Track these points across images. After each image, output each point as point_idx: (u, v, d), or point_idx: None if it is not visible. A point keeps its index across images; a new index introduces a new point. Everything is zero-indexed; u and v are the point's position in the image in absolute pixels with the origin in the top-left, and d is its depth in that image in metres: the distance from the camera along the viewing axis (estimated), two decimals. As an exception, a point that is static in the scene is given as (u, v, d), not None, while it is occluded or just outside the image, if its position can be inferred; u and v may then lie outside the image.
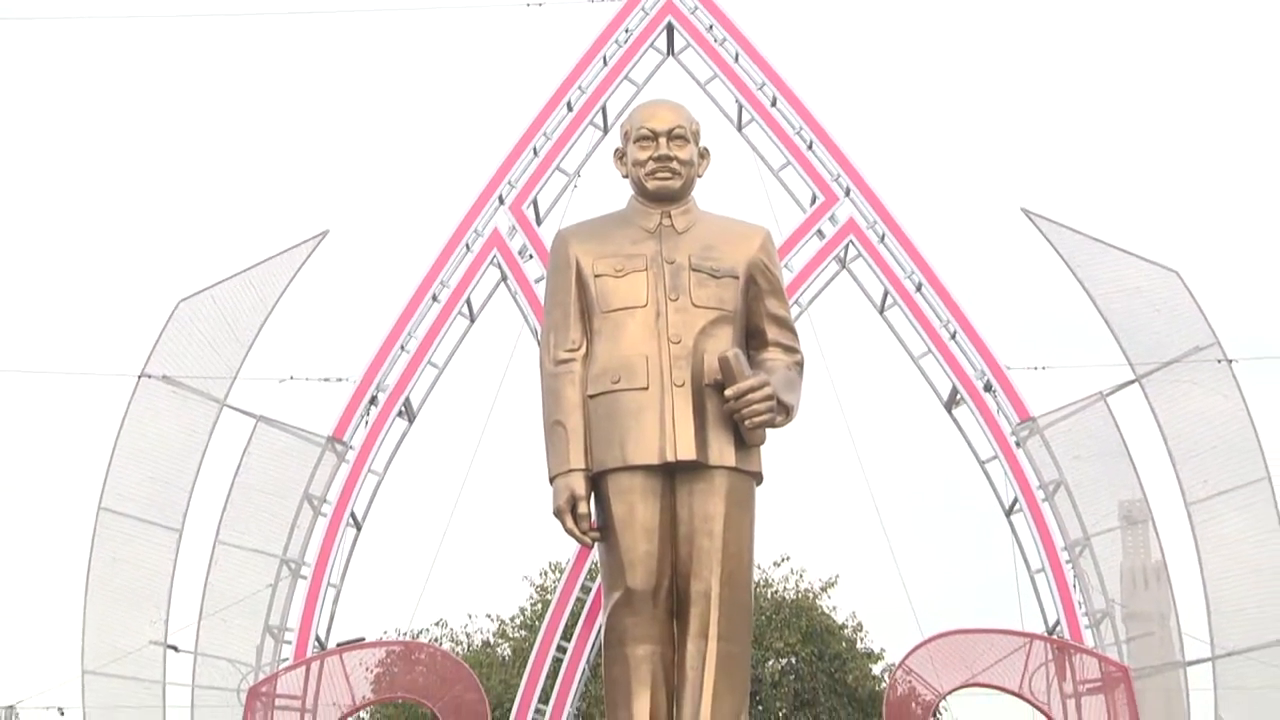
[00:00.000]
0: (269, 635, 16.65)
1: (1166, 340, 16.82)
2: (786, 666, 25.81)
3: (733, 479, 11.35)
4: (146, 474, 16.49)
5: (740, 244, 11.87)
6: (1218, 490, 16.37)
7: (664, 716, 11.38)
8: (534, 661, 17.63)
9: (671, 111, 12.46)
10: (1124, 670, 15.86)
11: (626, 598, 11.26)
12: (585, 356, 11.41)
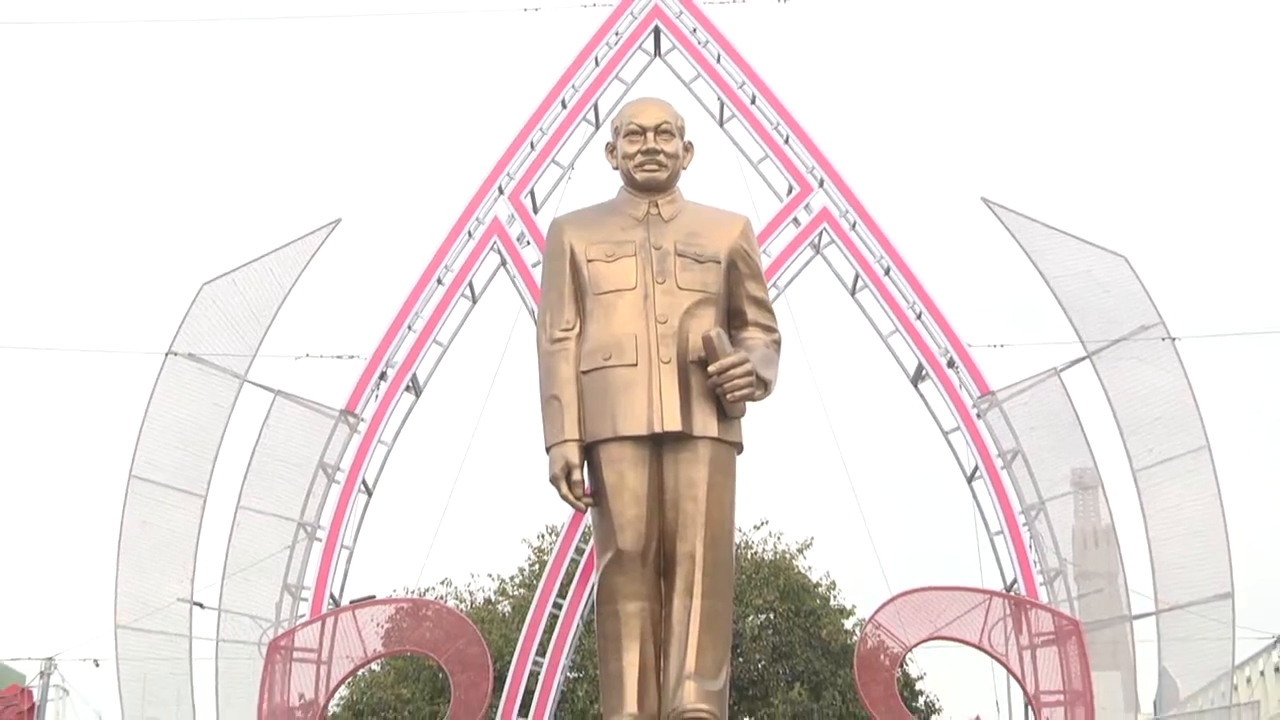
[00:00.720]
0: (287, 593, 16.65)
1: (1115, 320, 16.83)
2: (765, 622, 25.83)
3: (715, 448, 11.34)
4: (173, 444, 16.47)
5: (722, 231, 11.85)
6: (1162, 458, 16.41)
7: (652, 668, 11.37)
8: (532, 617, 17.62)
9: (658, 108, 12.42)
10: (1075, 624, 15.89)
11: (617, 558, 11.26)
12: (578, 335, 11.39)
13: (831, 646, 24.98)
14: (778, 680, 24.89)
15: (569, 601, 17.18)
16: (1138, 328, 16.74)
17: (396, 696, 24.27)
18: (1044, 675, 15.76)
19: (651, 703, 11.16)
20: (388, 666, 23.58)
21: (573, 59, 18.41)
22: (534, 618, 17.56)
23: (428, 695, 23.52)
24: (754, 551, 27.46)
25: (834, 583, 27.68)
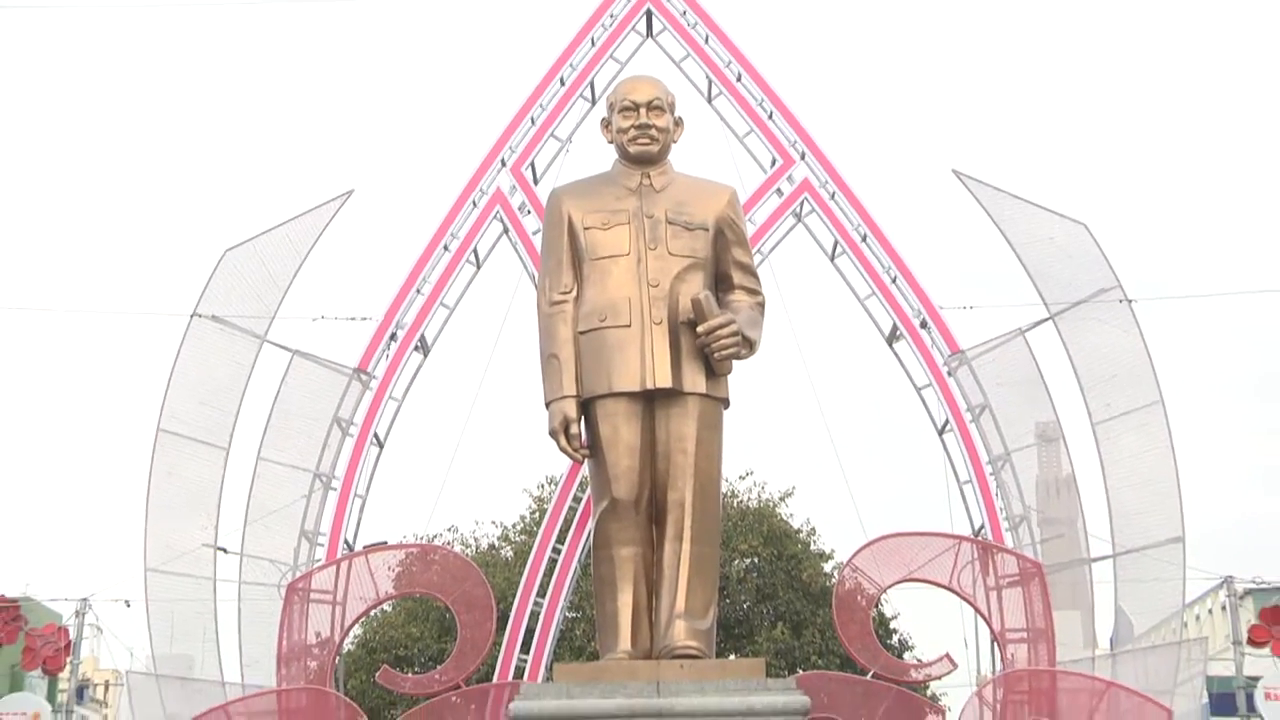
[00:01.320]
0: (304, 539, 16.69)
1: (1076, 283, 16.84)
2: (750, 565, 25.91)
3: (704, 404, 11.41)
4: (198, 400, 16.48)
5: (710, 201, 11.88)
6: (1118, 412, 16.44)
7: (645, 608, 11.44)
8: (532, 561, 17.67)
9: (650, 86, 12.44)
10: (1038, 567, 15.96)
11: (612, 506, 11.32)
12: (576, 298, 11.43)
13: (811, 588, 25.08)
14: (761, 620, 25.03)
15: (567, 547, 17.22)
16: (1097, 291, 16.75)
17: (407, 635, 24.40)
18: (1009, 614, 15.83)
19: (644, 640, 11.24)
20: (398, 607, 23.70)
21: (570, 39, 18.35)
22: (534, 562, 17.60)
23: (435, 634, 23.64)
24: (740, 500, 27.52)
25: (814, 529, 27.83)
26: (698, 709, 10.40)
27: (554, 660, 16.69)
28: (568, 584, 17.28)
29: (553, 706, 10.77)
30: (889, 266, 17.46)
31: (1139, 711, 15.07)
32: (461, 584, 16.12)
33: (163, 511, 16.13)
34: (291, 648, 15.50)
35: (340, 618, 15.93)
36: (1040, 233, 17.08)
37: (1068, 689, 15.42)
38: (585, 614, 21.32)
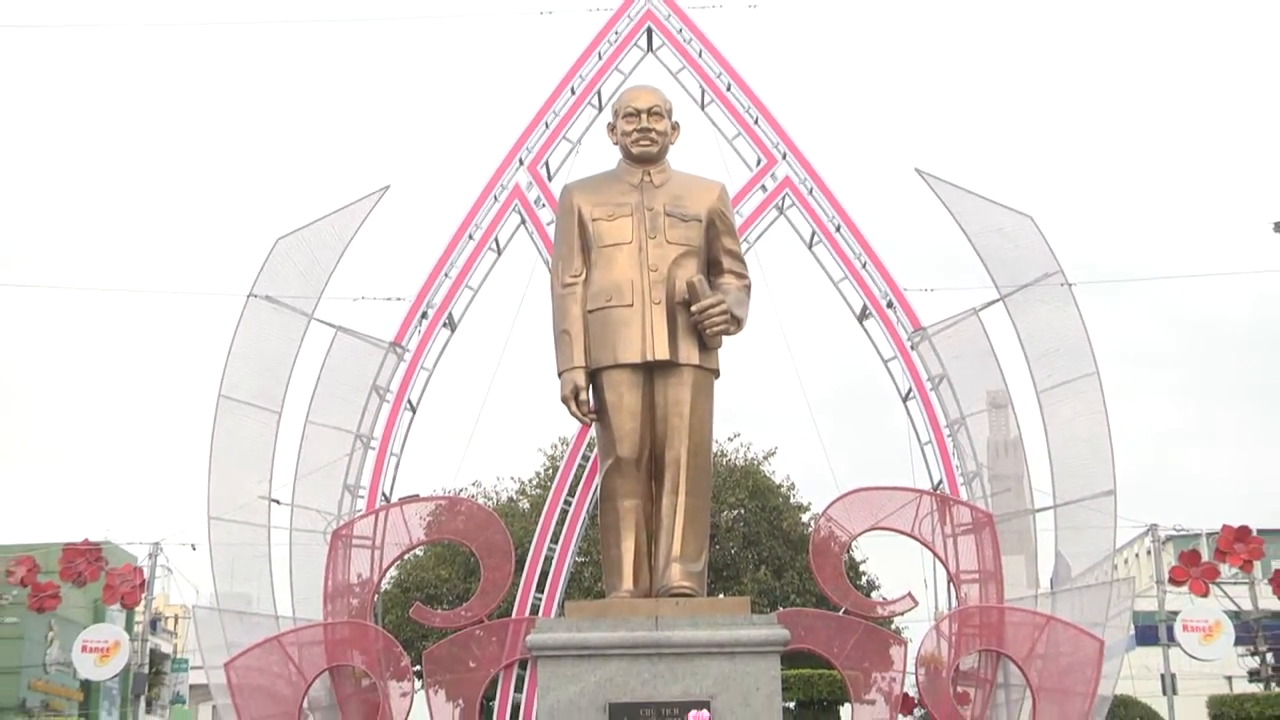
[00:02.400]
0: (347, 492, 16.73)
1: (1022, 269, 16.82)
2: (737, 516, 25.99)
3: (697, 374, 11.43)
4: (254, 370, 16.50)
5: (703, 195, 11.88)
6: (1058, 382, 16.44)
7: (645, 553, 11.49)
8: (546, 512, 17.72)
9: (650, 94, 12.43)
10: (989, 517, 15.98)
11: (616, 464, 11.36)
12: (585, 281, 11.44)
13: (791, 536, 25.19)
14: (747, 563, 25.10)
15: (577, 499, 17.27)
16: (1041, 275, 16.73)
17: (436, 576, 24.51)
18: (963, 558, 15.86)
19: (644, 581, 11.30)
20: (429, 552, 23.77)
21: (580, 54, 18.34)
22: (548, 512, 17.65)
23: (461, 575, 23.74)
24: (728, 459, 27.57)
25: (793, 484, 27.89)
26: (691, 641, 10.43)
27: (565, 598, 16.75)
28: (577, 532, 17.33)
29: (564, 638, 10.80)
30: (860, 253, 17.47)
31: (1075, 642, 15.13)
32: (484, 532, 16.15)
33: (223, 467, 16.15)
34: (336, 587, 15.56)
35: (378, 561, 15.96)
36: (992, 224, 17.07)
37: (1013, 623, 15.48)
38: (593, 558, 21.38)
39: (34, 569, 18.07)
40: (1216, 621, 20.85)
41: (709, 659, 10.35)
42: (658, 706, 10.16)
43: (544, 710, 10.75)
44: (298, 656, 14.99)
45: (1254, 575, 20.55)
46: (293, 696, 14.94)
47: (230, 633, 15.62)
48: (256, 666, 14.96)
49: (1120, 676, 16.81)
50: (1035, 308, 16.74)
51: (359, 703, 15.38)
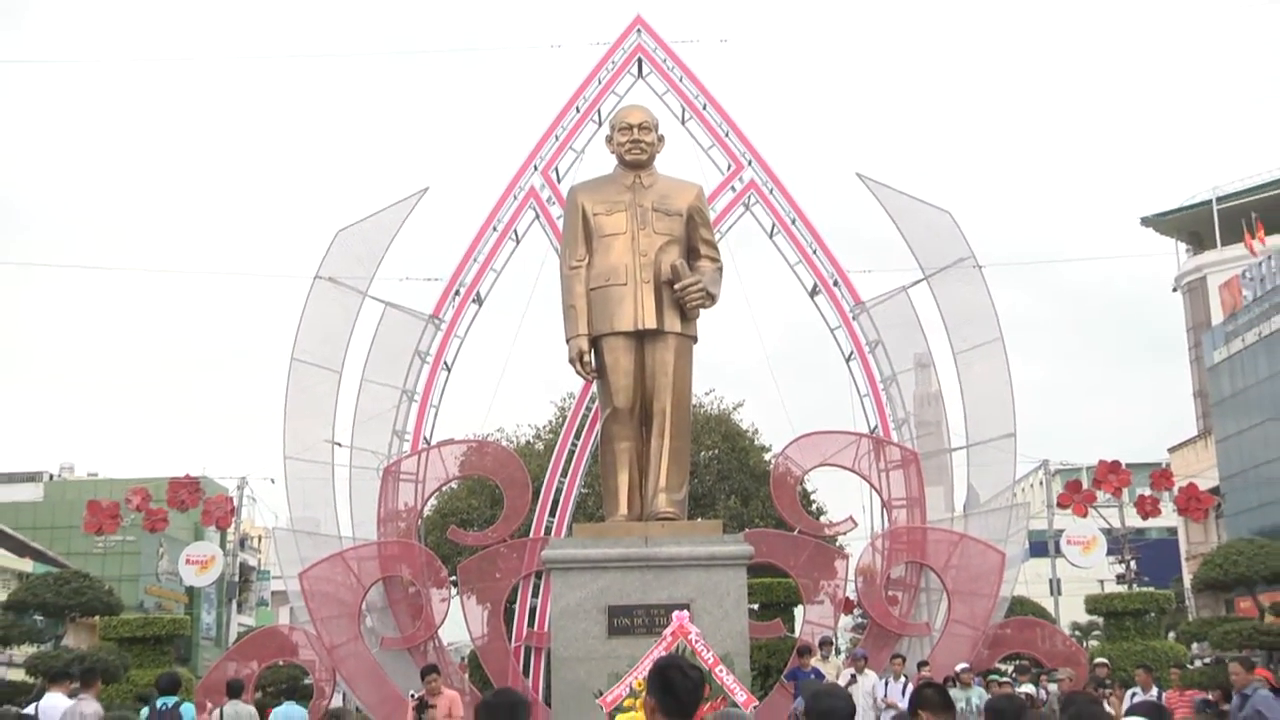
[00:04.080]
0: (395, 436, 16.67)
1: (943, 254, 16.77)
2: (712, 456, 25.91)
3: (679, 340, 11.39)
4: (320, 337, 16.44)
5: (684, 195, 11.82)
6: (971, 345, 16.44)
7: (636, 485, 11.45)
8: (556, 452, 17.71)
9: (641, 112, 12.34)
10: (914, 454, 15.99)
11: (614, 413, 11.31)
12: (587, 265, 11.37)
13: (756, 472, 25.08)
14: (720, 494, 25.06)
15: (581, 442, 17.24)
16: (957, 259, 16.69)
17: (468, 505, 24.41)
18: (894, 488, 15.89)
19: (637, 507, 11.27)
20: (462, 485, 23.62)
21: (583, 79, 18.18)
22: (558, 452, 17.64)
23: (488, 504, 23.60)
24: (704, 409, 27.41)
25: (758, 430, 27.78)
26: (675, 556, 10.46)
27: (573, 522, 16.73)
28: (582, 468, 17.32)
29: (572, 554, 10.83)
30: (811, 242, 17.40)
31: (982, 555, 15.18)
32: (506, 468, 16.16)
33: (296, 417, 16.11)
34: (387, 513, 15.56)
35: (421, 492, 15.99)
36: (918, 218, 17.01)
37: (933, 540, 15.54)
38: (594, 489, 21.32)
39: (147, 498, 18.16)
40: (1093, 537, 20.99)
41: (689, 570, 10.37)
42: (648, 608, 10.20)
43: (556, 612, 10.78)
44: (357, 569, 15.02)
45: (1123, 500, 20.65)
46: (353, 600, 14.98)
47: (303, 550, 15.65)
48: (324, 576, 14.99)
49: (1017, 581, 16.89)
50: (952, 286, 16.70)
51: (406, 606, 15.42)
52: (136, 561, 42.17)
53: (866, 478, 16.08)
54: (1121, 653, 16.85)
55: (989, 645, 15.13)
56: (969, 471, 16.71)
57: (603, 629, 10.23)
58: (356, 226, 16.88)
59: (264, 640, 17.15)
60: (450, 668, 15.51)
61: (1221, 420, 39.42)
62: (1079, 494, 18.90)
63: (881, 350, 16.99)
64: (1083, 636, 26.23)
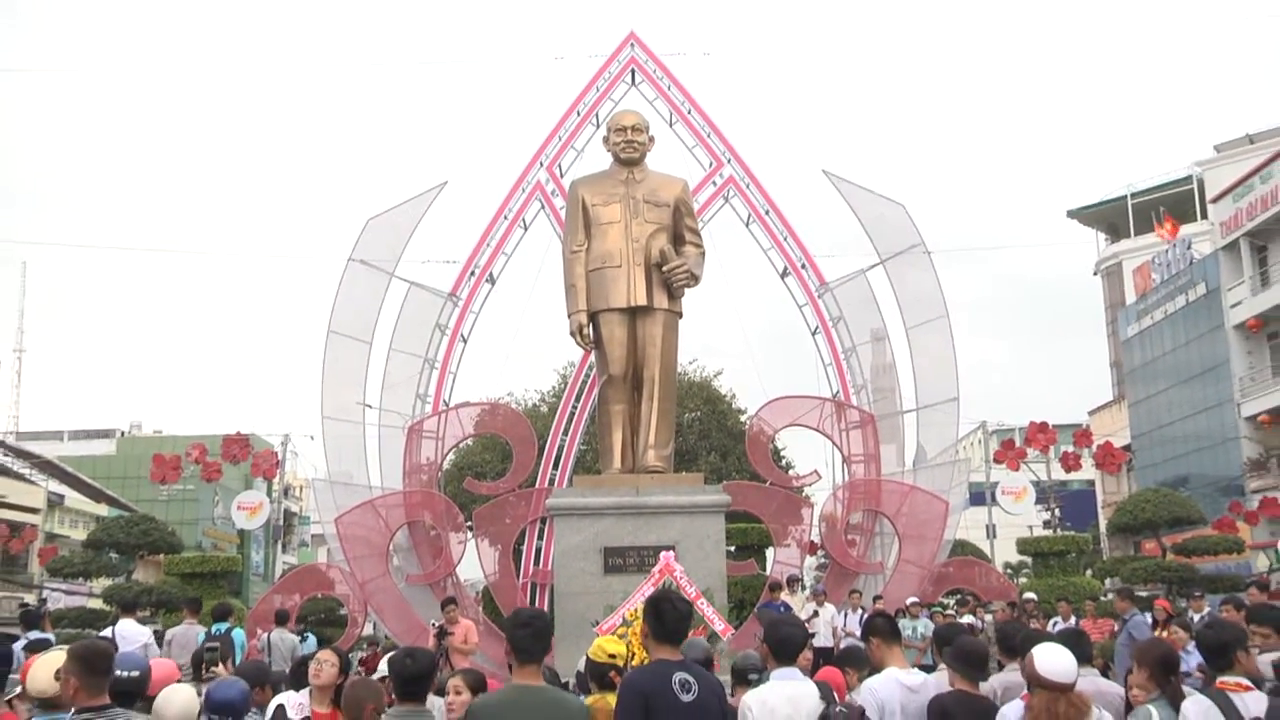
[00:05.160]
0: (418, 399, 16.54)
1: (896, 241, 16.60)
2: (694, 417, 25.88)
3: (666, 315, 11.21)
4: (353, 312, 16.26)
5: (671, 188, 11.61)
6: (920, 321, 16.30)
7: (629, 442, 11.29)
8: (559, 413, 17.62)
9: (633, 115, 12.10)
10: (871, 417, 15.92)
11: (609, 379, 11.13)
12: (586, 249, 11.17)
13: (733, 431, 25.06)
14: (701, 450, 25.03)
15: (581, 404, 17.13)
16: (909, 246, 16.52)
17: (482, 459, 24.34)
18: (853, 446, 15.83)
19: (629, 461, 11.12)
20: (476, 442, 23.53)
21: (583, 87, 17.94)
22: (560, 414, 17.55)
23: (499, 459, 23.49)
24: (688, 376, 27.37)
25: (735, 394, 27.77)
26: (662, 503, 10.37)
27: (573, 474, 16.64)
28: (581, 427, 17.24)
29: (572, 501, 10.73)
30: (782, 230, 17.23)
31: (929, 504, 15.14)
32: (515, 428, 16.04)
33: (333, 380, 15.96)
34: (411, 466, 15.43)
35: (440, 448, 15.88)
36: (875, 209, 16.83)
37: (887, 490, 15.48)
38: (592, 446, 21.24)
39: (204, 452, 18.09)
40: (1024, 488, 21.05)
41: (674, 516, 10.29)
42: (638, 549, 10.14)
43: (559, 552, 10.70)
44: (385, 515, 14.91)
45: (1049, 456, 20.68)
46: (382, 542, 14.89)
47: (338, 498, 15.53)
48: (356, 521, 14.88)
49: (958, 526, 16.85)
50: (904, 269, 16.55)
51: (428, 547, 15.32)
52: (195, 507, 42.07)
53: (829, 436, 16.01)
54: (1046, 588, 16.84)
55: (934, 582, 15.12)
56: (918, 431, 16.64)
57: (599, 567, 10.17)
58: (384, 215, 16.67)
59: (305, 576, 17.09)
60: (466, 601, 15.43)
61: (1133, 387, 39.54)
62: (1012, 451, 18.87)
63: (843, 325, 16.86)
64: (1014, 574, 26.27)
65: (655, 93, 17.87)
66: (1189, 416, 34.80)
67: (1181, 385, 35.29)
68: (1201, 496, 26.98)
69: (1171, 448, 35.60)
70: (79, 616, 17.02)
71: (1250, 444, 31.62)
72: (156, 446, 28.53)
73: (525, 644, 4.03)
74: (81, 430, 52.02)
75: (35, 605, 15.40)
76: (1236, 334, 32.38)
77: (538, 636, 4.06)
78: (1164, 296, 36.87)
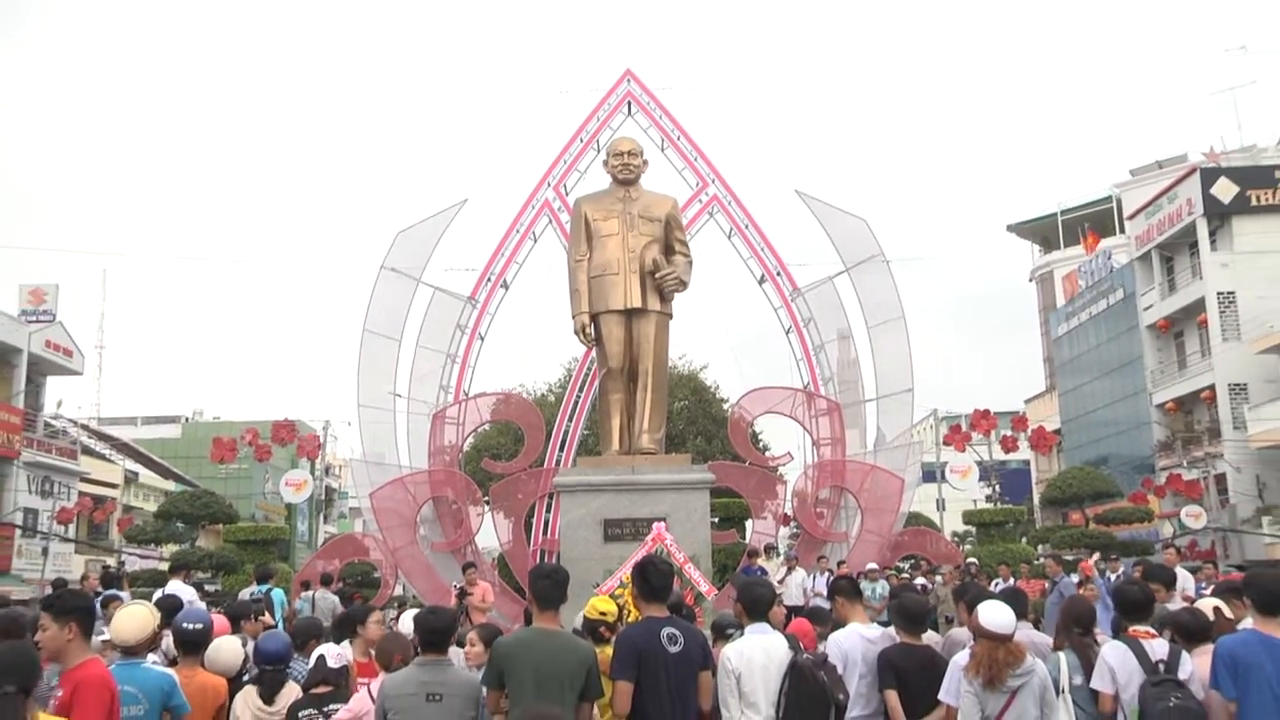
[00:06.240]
0: (441, 390, 16.48)
1: (859, 251, 16.55)
2: (683, 405, 25.81)
3: (659, 316, 11.10)
4: (384, 313, 16.17)
5: (663, 205, 11.51)
6: (880, 322, 16.26)
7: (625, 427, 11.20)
8: (565, 402, 17.60)
9: (630, 142, 11.98)
10: (837, 405, 15.88)
11: (609, 372, 11.04)
12: (588, 259, 11.07)
13: (717, 418, 24.99)
14: (689, 434, 24.96)
15: (584, 394, 17.11)
16: (870, 255, 16.47)
17: (497, 442, 24.24)
18: (821, 430, 15.78)
19: (626, 444, 11.04)
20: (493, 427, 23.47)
21: (585, 117, 17.88)
22: (565, 402, 17.52)
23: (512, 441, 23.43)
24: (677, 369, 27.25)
25: (719, 385, 27.72)
26: (654, 481, 10.32)
27: (577, 455, 16.60)
28: (585, 414, 17.18)
29: (576, 479, 10.69)
30: (759, 242, 17.19)
31: (887, 481, 15.11)
32: (527, 415, 15.98)
33: (367, 373, 15.89)
34: (436, 448, 15.38)
35: (461, 432, 15.82)
36: (841, 224, 16.77)
37: (851, 469, 15.44)
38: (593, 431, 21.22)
39: (256, 435, 18.09)
40: (969, 467, 21.02)
41: (665, 492, 10.25)
42: (634, 520, 10.08)
43: (564, 523, 10.65)
44: (413, 490, 14.86)
45: (991, 439, 20.68)
46: (410, 514, 14.83)
47: (372, 476, 15.47)
48: (388, 496, 14.82)
49: (912, 501, 16.83)
50: (866, 276, 16.50)
51: (450, 518, 15.27)
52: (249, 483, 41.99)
53: (801, 422, 15.97)
54: (988, 553, 16.85)
55: (891, 549, 15.10)
56: (878, 418, 16.64)
57: (599, 536, 10.11)
58: (412, 229, 16.59)
59: (344, 544, 17.05)
60: (484, 565, 15.39)
61: (1062, 379, 39.64)
62: (959, 435, 18.90)
63: (813, 325, 16.83)
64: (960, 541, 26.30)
65: (649, 122, 17.82)
66: (1109, 405, 35.02)
67: (1103, 377, 35.52)
68: (1119, 474, 27.13)
69: (1094, 431, 35.78)
70: (151, 577, 17.01)
71: (1159, 428, 31.92)
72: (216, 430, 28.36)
73: (546, 593, 4.10)
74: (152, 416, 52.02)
75: (114, 567, 15.61)
76: (1149, 333, 32.76)
77: (557, 586, 4.15)
78: (1088, 300, 37.11)
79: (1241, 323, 28.98)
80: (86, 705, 3.40)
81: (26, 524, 26.77)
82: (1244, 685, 3.76)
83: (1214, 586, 8.14)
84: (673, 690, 4.04)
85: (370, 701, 4.22)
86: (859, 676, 4.68)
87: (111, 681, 3.57)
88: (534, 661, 3.85)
